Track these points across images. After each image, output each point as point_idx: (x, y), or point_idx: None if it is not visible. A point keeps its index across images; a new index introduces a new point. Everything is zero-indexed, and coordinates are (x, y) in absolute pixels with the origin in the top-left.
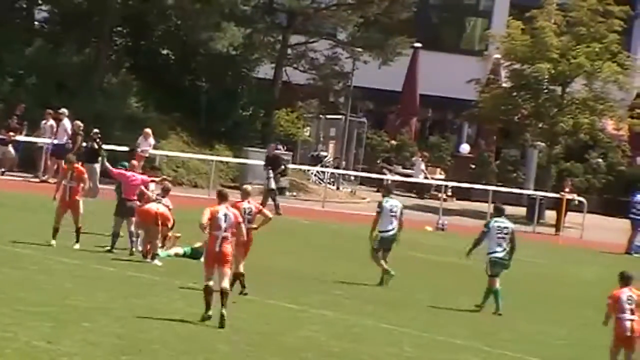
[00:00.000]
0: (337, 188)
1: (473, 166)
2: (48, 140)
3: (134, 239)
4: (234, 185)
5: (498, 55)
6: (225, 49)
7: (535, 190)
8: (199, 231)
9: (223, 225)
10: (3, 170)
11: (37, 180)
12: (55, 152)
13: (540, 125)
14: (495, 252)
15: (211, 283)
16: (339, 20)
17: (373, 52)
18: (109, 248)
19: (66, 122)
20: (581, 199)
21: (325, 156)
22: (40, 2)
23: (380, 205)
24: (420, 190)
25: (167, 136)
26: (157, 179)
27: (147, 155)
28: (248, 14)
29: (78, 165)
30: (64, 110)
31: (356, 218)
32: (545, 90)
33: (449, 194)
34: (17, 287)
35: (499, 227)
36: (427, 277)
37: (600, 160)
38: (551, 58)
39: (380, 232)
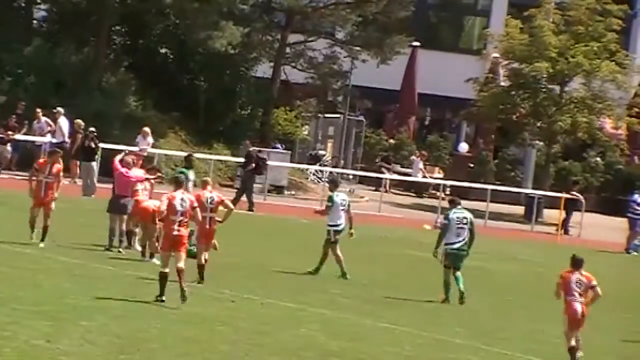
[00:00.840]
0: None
1: (471, 165)
2: (47, 139)
3: (124, 238)
4: (232, 185)
5: (496, 54)
6: (223, 48)
7: (534, 189)
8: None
9: (179, 209)
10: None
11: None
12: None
13: (538, 124)
14: (454, 243)
15: (167, 270)
16: (338, 19)
17: (371, 51)
18: (107, 246)
19: (62, 121)
20: (579, 197)
21: (324, 155)
22: (38, 1)
23: (330, 199)
24: (419, 189)
25: (166, 135)
26: (152, 177)
27: (145, 154)
28: (246, 13)
29: (59, 162)
30: (59, 109)
31: (355, 217)
32: (544, 89)
33: (448, 192)
34: (15, 286)
35: (458, 217)
36: (425, 275)
37: (598, 159)
38: (549, 57)
39: (330, 226)
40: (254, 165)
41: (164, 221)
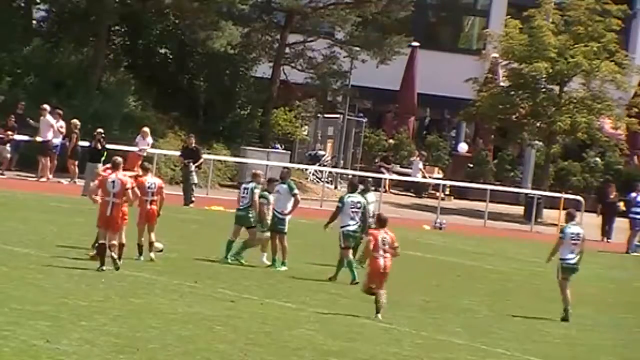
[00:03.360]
0: (335, 187)
1: (471, 165)
2: (48, 138)
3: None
4: (232, 184)
5: (496, 54)
6: (223, 48)
7: (533, 189)
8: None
9: (112, 190)
10: (1, 170)
11: (36, 179)
12: (40, 150)
13: (537, 124)
14: (348, 225)
15: (104, 241)
16: (337, 19)
17: (371, 51)
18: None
19: (48, 117)
20: (579, 198)
21: (323, 155)
22: (38, 1)
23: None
24: (418, 189)
25: (165, 135)
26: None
27: (145, 154)
28: (246, 13)
29: None
30: (45, 106)
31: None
32: (543, 90)
33: (447, 193)
34: (15, 286)
35: (352, 201)
36: (424, 275)
37: (597, 159)
38: (549, 57)
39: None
40: (202, 160)
41: (100, 202)
